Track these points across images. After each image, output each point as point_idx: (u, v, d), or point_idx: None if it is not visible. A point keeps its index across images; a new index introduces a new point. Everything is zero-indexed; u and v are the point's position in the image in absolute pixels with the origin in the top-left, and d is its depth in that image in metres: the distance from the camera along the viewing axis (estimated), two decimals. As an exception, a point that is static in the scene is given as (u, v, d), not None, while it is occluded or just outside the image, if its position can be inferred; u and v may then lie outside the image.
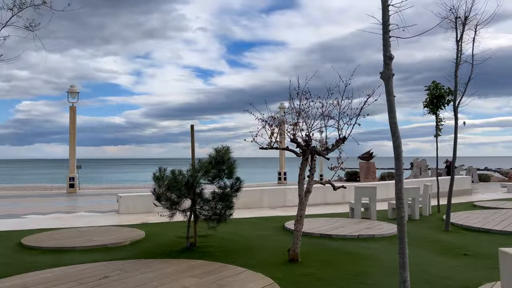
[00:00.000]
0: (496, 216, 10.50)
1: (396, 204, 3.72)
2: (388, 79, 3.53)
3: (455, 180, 20.36)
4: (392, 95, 3.54)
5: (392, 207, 11.31)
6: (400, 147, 3.59)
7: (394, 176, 3.69)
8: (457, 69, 9.25)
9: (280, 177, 25.04)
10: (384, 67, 3.55)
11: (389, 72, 3.52)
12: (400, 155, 3.58)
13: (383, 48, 3.55)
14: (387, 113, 3.56)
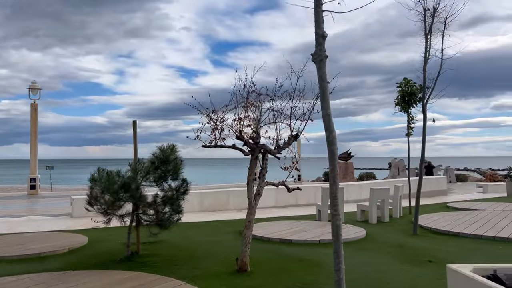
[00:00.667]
0: (468, 218, 10.09)
1: (331, 211, 3.14)
2: (320, 62, 2.94)
3: (431, 180, 20.12)
4: (326, 81, 2.95)
5: (361, 209, 10.81)
6: (334, 143, 3.00)
7: (329, 177, 3.11)
8: (425, 64, 8.78)
9: (255, 178, 24.49)
10: (316, 48, 2.96)
11: (322, 53, 2.93)
12: (335, 152, 3.00)
13: (315, 25, 2.96)
14: (320, 102, 2.97)
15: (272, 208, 13.71)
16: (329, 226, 9.17)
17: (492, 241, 7.74)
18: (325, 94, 2.93)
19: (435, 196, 19.70)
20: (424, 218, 10.20)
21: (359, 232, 8.43)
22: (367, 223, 10.26)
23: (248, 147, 5.64)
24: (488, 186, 22.51)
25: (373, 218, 10.30)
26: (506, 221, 9.39)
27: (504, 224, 9.00)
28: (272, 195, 14.08)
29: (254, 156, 5.70)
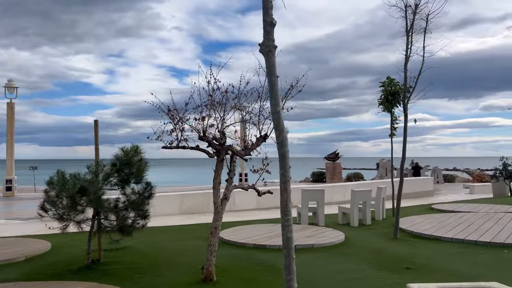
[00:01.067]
0: (451, 220, 9.83)
1: (282, 222, 2.79)
2: (268, 53, 2.58)
3: (416, 181, 19.92)
4: (275, 75, 2.60)
5: (342, 212, 10.51)
6: (285, 144, 2.65)
7: (280, 183, 2.76)
8: (406, 62, 8.50)
9: (241, 179, 24.06)
10: (264, 37, 2.60)
11: (270, 43, 2.58)
12: (286, 155, 2.65)
13: (262, 11, 2.60)
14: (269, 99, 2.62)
15: (253, 211, 13.37)
16: (309, 229, 8.85)
17: (474, 246, 7.46)
18: (274, 89, 2.58)
19: (421, 197, 19.51)
20: (407, 221, 9.92)
21: (337, 236, 8.11)
22: (348, 226, 9.95)
23: (213, 148, 5.27)
24: (475, 186, 22.40)
25: (354, 221, 10.00)
26: (489, 224, 9.14)
27: (487, 227, 8.75)
28: (253, 197, 13.73)
29: (220, 158, 5.33)
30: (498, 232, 8.17)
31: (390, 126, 11.88)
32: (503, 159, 17.98)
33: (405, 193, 19.17)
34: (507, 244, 7.28)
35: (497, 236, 7.83)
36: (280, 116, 2.60)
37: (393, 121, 11.83)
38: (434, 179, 32.76)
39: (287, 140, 2.66)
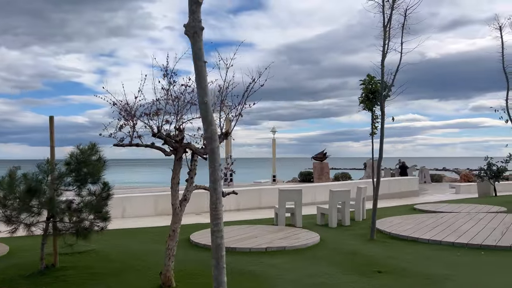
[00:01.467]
0: (431, 221, 9.61)
1: (211, 227, 2.49)
2: (194, 35, 2.28)
3: (401, 181, 19.75)
4: (202, 60, 2.29)
5: (321, 212, 10.24)
6: (215, 139, 2.35)
7: (209, 182, 2.46)
8: (383, 58, 8.27)
9: (227, 178, 23.69)
10: (189, 17, 2.30)
11: (196, 24, 2.28)
12: (215, 151, 2.34)
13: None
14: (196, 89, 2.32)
15: (233, 212, 13.06)
16: (284, 231, 8.57)
17: (451, 247, 7.23)
18: (201, 77, 2.28)
19: (406, 197, 19.36)
20: (386, 221, 9.69)
21: (312, 238, 7.83)
22: (327, 227, 9.70)
23: (169, 146, 4.96)
24: (461, 186, 22.33)
25: (332, 221, 9.74)
26: (469, 225, 8.93)
27: (466, 228, 8.54)
28: (233, 197, 13.43)
29: (177, 156, 5.02)
30: (476, 233, 7.96)
31: (371, 124, 11.64)
32: (488, 159, 17.89)
33: (390, 193, 19.06)
34: (484, 246, 7.06)
35: (475, 237, 7.61)
36: (208, 107, 2.30)
37: (373, 120, 11.59)
38: (421, 178, 32.73)
39: (217, 135, 2.36)
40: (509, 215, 10.42)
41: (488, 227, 8.64)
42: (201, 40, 2.31)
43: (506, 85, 11.43)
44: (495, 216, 10.12)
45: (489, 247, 7.04)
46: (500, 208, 11.98)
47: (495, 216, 10.12)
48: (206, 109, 2.30)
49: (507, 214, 10.52)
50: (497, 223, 9.15)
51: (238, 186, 23.30)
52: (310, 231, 8.52)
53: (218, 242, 2.44)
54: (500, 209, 11.90)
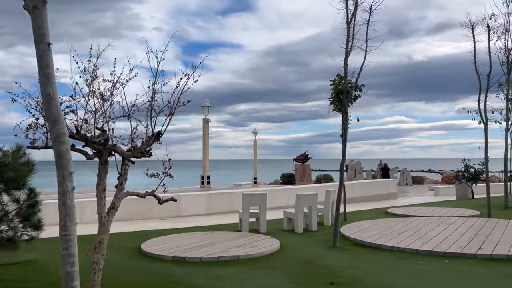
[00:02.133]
0: (401, 226, 9.25)
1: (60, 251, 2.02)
2: (34, 10, 1.81)
3: (379, 184, 19.46)
4: (45, 42, 1.83)
5: (287, 217, 9.82)
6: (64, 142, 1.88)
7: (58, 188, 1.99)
8: (347, 55, 7.90)
9: (203, 181, 23.17)
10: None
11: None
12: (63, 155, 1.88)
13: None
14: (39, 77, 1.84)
15: (201, 216, 12.57)
16: (244, 238, 8.13)
17: (415, 255, 6.86)
18: (43, 62, 1.82)
19: (384, 199, 19.06)
20: (353, 226, 9.30)
21: (272, 245, 7.40)
22: (292, 233, 9.29)
23: (92, 148, 4.46)
24: (440, 189, 22.17)
25: (298, 227, 9.32)
26: (438, 230, 8.59)
27: (434, 234, 8.19)
28: (202, 200, 12.94)
29: (102, 160, 4.53)
30: (443, 240, 7.61)
31: (342, 126, 11.27)
32: (465, 161, 17.69)
33: (367, 196, 18.74)
34: (449, 254, 6.70)
35: (441, 244, 7.25)
36: (53, 101, 1.84)
37: (344, 120, 11.22)
38: (403, 180, 32.60)
39: (66, 135, 1.90)
40: (480, 219, 10.13)
41: (457, 233, 8.30)
42: (45, 16, 1.85)
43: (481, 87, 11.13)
44: (467, 221, 9.81)
45: (453, 254, 6.68)
46: (473, 212, 11.70)
47: (467, 221, 9.81)
48: (50, 102, 1.84)
49: (479, 218, 10.23)
50: (467, 228, 8.83)
51: (215, 189, 22.81)
52: (272, 238, 8.08)
53: (67, 270, 2.00)
54: (473, 212, 11.62)
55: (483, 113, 10.67)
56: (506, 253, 6.53)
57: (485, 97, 10.67)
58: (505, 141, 13.01)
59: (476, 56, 10.58)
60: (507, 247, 6.92)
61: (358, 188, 18.12)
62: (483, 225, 9.11)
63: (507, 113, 12.95)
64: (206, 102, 22.78)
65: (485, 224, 9.23)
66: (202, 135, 23.07)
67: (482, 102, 11.18)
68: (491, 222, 9.52)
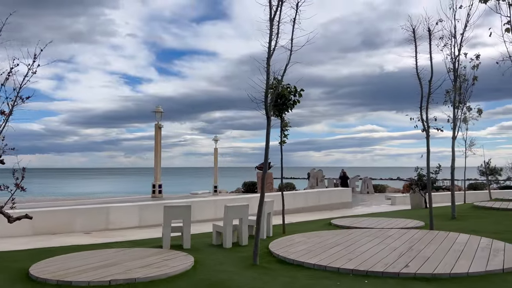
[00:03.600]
0: (336, 239, 8.66)
1: None
2: None
3: (333, 193, 18.98)
4: None
5: (216, 230, 9.06)
6: None
7: None
8: (269, 55, 7.25)
9: (155, 190, 22.17)
10: None
11: None
12: None
13: None
14: None
15: (132, 229, 11.67)
16: (156, 255, 7.32)
17: (335, 274, 6.22)
18: None
19: (337, 209, 18.62)
20: (284, 241, 8.64)
21: (183, 264, 6.63)
22: (220, 248, 8.55)
23: None
24: (396, 198, 21.95)
25: (226, 241, 8.59)
26: (371, 245, 8.02)
27: (365, 249, 7.61)
28: (134, 212, 12.02)
29: None
30: (371, 256, 7.02)
31: (280, 133, 10.67)
32: (418, 169, 17.43)
33: (320, 205, 18.23)
34: (371, 273, 6.09)
35: (367, 261, 6.65)
36: None
37: (282, 127, 10.63)
38: (364, 189, 32.47)
39: None
40: (421, 231, 9.66)
41: (390, 247, 7.75)
42: None
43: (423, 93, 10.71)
44: (406, 233, 9.32)
45: (376, 274, 6.07)
46: (418, 223, 11.28)
47: (406, 233, 9.32)
48: None
49: (419, 231, 9.75)
50: (403, 241, 8.31)
51: (167, 198, 21.84)
52: (188, 256, 7.31)
53: None
54: (417, 224, 11.19)
55: (425, 121, 10.25)
56: (431, 272, 5.98)
57: (426, 103, 10.27)
58: (452, 149, 12.71)
59: (417, 60, 10.16)
60: (434, 264, 6.38)
61: (311, 198, 17.58)
62: (421, 238, 8.61)
63: (454, 120, 12.68)
64: (159, 108, 21.88)
65: (423, 237, 8.74)
66: (154, 142, 22.10)
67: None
68: (430, 235, 9.05)
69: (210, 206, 13.57)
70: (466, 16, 12.15)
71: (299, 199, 17.02)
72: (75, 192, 47.07)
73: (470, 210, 14.65)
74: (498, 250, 7.38)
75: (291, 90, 10.44)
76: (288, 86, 10.40)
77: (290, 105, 10.50)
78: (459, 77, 12.67)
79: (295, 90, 10.46)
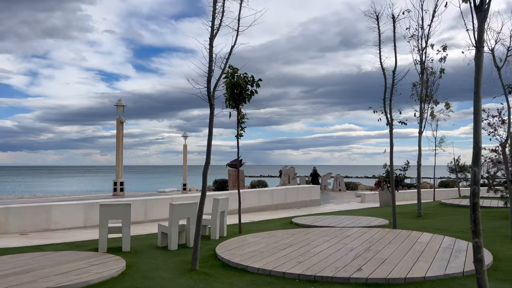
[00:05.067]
0: (290, 240, 8.01)
1: None
2: None
3: (301, 190, 18.38)
4: None
5: (162, 231, 8.28)
6: None
7: None
8: (212, 35, 6.48)
9: (116, 188, 21.12)
10: None
11: None
12: None
13: None
14: None
15: (76, 230, 10.75)
16: (87, 259, 6.49)
17: (281, 280, 5.54)
18: None
19: (305, 206, 18.05)
20: (234, 242, 7.93)
21: (110, 270, 5.83)
22: (165, 250, 7.77)
23: None
24: (366, 195, 21.57)
25: (171, 243, 7.82)
26: (327, 245, 7.40)
27: (319, 250, 6.97)
28: (79, 212, 11.08)
29: None
30: (324, 258, 6.38)
31: (237, 125, 9.94)
32: (386, 166, 17.00)
33: (287, 203, 17.60)
34: (319, 278, 5.44)
35: (317, 264, 6.01)
36: None
37: (239, 120, 9.90)
38: (336, 186, 32.10)
39: None
40: (382, 230, 9.10)
41: (346, 248, 7.14)
42: None
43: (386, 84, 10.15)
44: (366, 232, 8.75)
45: (324, 279, 5.42)
46: (382, 221, 10.75)
47: (366, 232, 8.75)
48: None
49: (381, 229, 9.20)
50: (362, 241, 7.72)
51: (129, 196, 20.85)
52: (120, 260, 6.51)
53: None
54: (381, 222, 10.66)
55: (388, 114, 9.70)
56: (385, 276, 5.36)
57: (390, 95, 9.71)
58: (419, 145, 12.25)
59: (381, 49, 9.59)
60: (390, 267, 5.78)
61: (278, 195, 16.94)
62: (381, 238, 8.05)
63: (421, 114, 12.22)
64: (121, 101, 20.78)
65: (383, 237, 8.18)
66: (116, 137, 21.02)
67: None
68: (392, 234, 8.51)
69: (166, 204, 12.72)
70: (433, 6, 11.69)
71: (264, 196, 16.34)
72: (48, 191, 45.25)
73: (437, 208, 14.27)
74: (460, 251, 6.86)
75: (248, 79, 9.74)
76: (245, 75, 9.69)
77: (248, 96, 9.80)
78: (426, 69, 12.21)
79: (253, 80, 9.76)
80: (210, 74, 6.39)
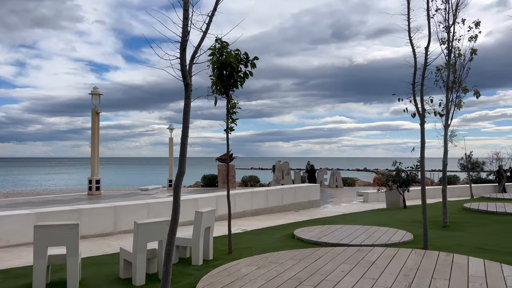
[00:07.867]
0: (298, 270, 5.98)
1: None
2: None
3: (298, 190, 16.33)
4: None
5: (125, 259, 6.18)
6: None
7: None
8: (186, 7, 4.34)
9: (91, 186, 18.87)
10: None
11: None
12: None
13: None
14: None
15: (26, 247, 8.60)
16: None
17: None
18: None
19: (304, 208, 16.07)
20: (223, 274, 5.87)
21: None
22: (129, 284, 5.70)
23: None
24: (369, 194, 19.65)
25: (137, 275, 5.74)
26: (346, 284, 5.36)
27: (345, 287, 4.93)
28: (29, 223, 8.90)
29: None
30: None
31: (226, 114, 7.85)
32: (396, 163, 15.09)
33: (284, 205, 15.57)
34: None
35: None
36: None
37: (229, 108, 7.81)
38: (333, 182, 30.22)
39: None
40: (414, 252, 7.09)
41: (379, 287, 5.10)
42: None
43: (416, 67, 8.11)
44: (395, 255, 6.75)
45: None
46: (405, 235, 8.77)
47: (395, 255, 6.75)
48: None
49: (412, 250, 7.19)
50: (395, 272, 5.69)
51: (106, 197, 18.66)
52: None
53: None
54: (404, 236, 8.68)
55: (419, 102, 7.68)
56: None
57: (421, 79, 7.67)
58: (444, 140, 10.25)
59: (410, 22, 7.55)
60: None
61: (273, 196, 14.90)
62: (418, 267, 6.04)
63: (447, 105, 10.21)
64: (97, 89, 18.44)
65: (420, 265, 6.18)
66: (91, 130, 18.72)
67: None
68: (429, 260, 6.50)
69: (141, 211, 10.62)
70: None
71: (258, 198, 14.28)
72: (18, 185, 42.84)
73: (461, 214, 12.35)
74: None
75: (241, 57, 7.62)
76: (237, 52, 7.57)
77: (240, 79, 7.69)
78: (454, 50, 10.20)
79: (247, 58, 7.64)
80: (185, 38, 4.24)
